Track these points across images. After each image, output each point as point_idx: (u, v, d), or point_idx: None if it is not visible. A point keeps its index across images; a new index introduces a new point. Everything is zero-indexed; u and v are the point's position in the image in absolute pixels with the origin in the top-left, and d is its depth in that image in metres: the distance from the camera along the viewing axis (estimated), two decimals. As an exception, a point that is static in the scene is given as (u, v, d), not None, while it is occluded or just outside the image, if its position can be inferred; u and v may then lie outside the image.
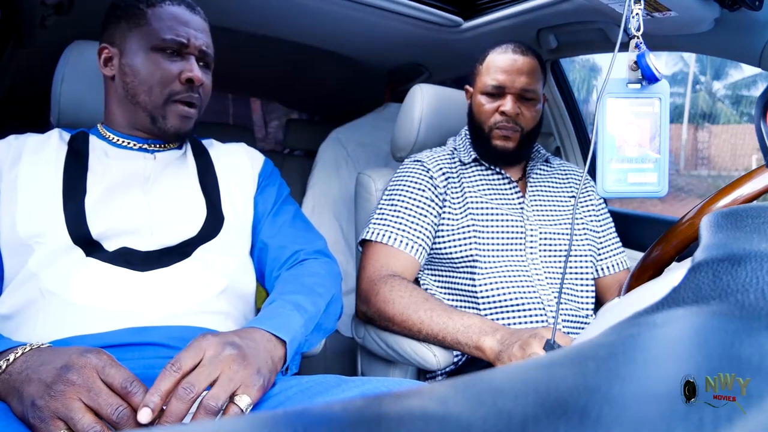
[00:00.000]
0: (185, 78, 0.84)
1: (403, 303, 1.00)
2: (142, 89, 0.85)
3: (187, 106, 0.87)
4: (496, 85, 1.12)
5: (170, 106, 0.85)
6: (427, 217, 1.11)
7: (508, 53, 1.13)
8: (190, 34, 0.86)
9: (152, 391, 0.56)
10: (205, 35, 0.90)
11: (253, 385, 0.61)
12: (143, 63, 0.84)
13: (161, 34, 0.84)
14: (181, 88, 0.85)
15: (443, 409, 0.15)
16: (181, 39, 0.85)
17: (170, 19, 0.85)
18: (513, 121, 1.12)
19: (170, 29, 0.85)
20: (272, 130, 5.56)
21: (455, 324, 0.95)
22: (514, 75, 1.11)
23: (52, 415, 0.53)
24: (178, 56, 0.86)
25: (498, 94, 1.13)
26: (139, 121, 0.87)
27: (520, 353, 0.84)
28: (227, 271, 0.83)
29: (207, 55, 0.90)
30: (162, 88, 0.85)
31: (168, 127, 0.86)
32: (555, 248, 1.13)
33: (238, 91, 3.20)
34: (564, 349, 0.20)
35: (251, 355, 0.63)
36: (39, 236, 0.74)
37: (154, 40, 0.84)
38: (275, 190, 0.99)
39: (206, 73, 0.91)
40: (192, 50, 0.87)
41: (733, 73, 18.98)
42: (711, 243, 0.29)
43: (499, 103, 1.12)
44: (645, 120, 0.64)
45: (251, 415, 0.16)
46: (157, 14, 0.85)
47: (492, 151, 1.14)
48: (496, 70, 1.12)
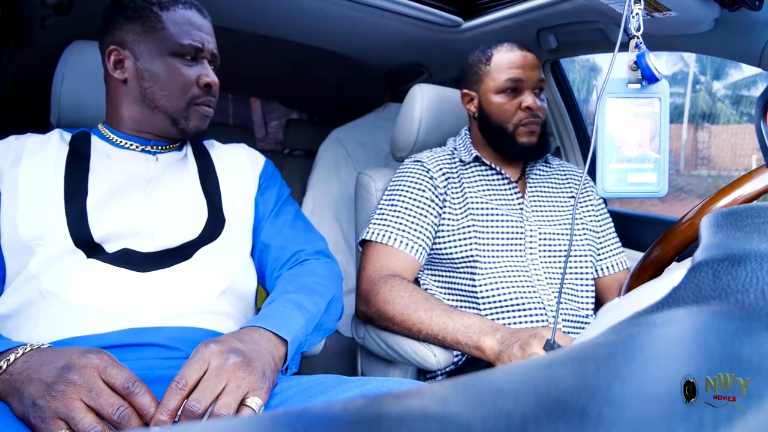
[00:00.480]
0: (203, 83, 0.87)
1: (403, 303, 1.00)
2: (163, 94, 0.86)
3: (207, 107, 0.89)
4: (514, 80, 1.12)
5: (192, 109, 0.87)
6: (427, 217, 1.11)
7: (515, 50, 1.13)
8: (204, 39, 0.88)
9: (160, 410, 0.56)
10: (213, 38, 0.92)
11: (261, 389, 0.61)
12: (163, 68, 0.85)
13: (179, 39, 0.85)
14: (201, 93, 0.87)
15: (443, 409, 0.15)
16: (197, 44, 0.87)
17: (186, 24, 0.87)
18: (537, 116, 1.12)
19: (187, 34, 0.86)
20: (272, 130, 5.57)
21: (455, 324, 0.95)
22: (529, 70, 1.12)
23: (53, 415, 0.53)
24: (194, 60, 0.88)
25: (515, 90, 1.13)
26: (156, 124, 0.88)
27: (520, 353, 0.84)
28: (228, 273, 0.83)
29: (216, 58, 0.92)
30: (183, 93, 0.86)
31: (190, 128, 0.88)
32: (555, 248, 1.13)
33: (238, 91, 3.19)
34: (564, 349, 0.20)
35: (255, 359, 0.63)
36: (40, 238, 0.74)
37: (172, 46, 0.85)
38: (276, 191, 0.99)
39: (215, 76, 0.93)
40: (206, 54, 0.88)
41: (733, 73, 18.99)
42: (711, 243, 0.29)
43: (518, 100, 1.12)
44: (645, 120, 0.64)
45: (251, 416, 0.16)
46: (172, 18, 0.86)
47: (519, 149, 1.14)
48: (510, 66, 1.12)
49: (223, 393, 0.59)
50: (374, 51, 1.81)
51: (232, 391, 0.59)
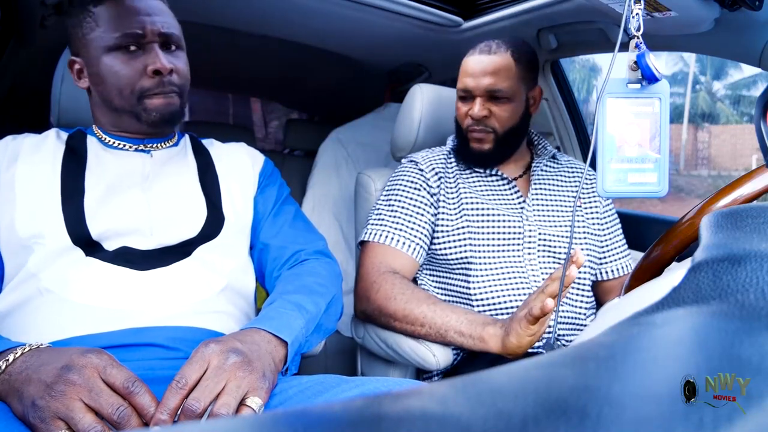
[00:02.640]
0: (151, 71, 0.80)
1: (404, 298, 1.00)
2: (113, 94, 0.82)
3: (161, 96, 0.83)
4: (462, 89, 1.12)
5: (144, 102, 0.82)
6: (424, 216, 1.11)
7: (475, 55, 1.12)
8: (144, 21, 0.80)
9: (161, 410, 0.56)
10: (163, 16, 0.84)
11: (261, 389, 0.61)
12: (104, 68, 0.81)
13: (113, 32, 0.79)
14: (151, 83, 0.81)
15: (443, 409, 0.15)
16: (135, 30, 0.80)
17: (117, 14, 0.80)
18: (482, 124, 1.11)
19: (120, 24, 0.79)
20: (272, 130, 5.57)
21: (459, 317, 0.96)
22: (479, 77, 1.10)
23: (53, 415, 0.53)
24: (140, 49, 0.81)
25: (468, 97, 1.13)
26: (125, 124, 0.86)
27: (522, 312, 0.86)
28: (226, 271, 0.83)
29: (171, 37, 0.84)
30: (131, 88, 0.81)
31: (152, 117, 0.83)
32: (553, 250, 1.12)
33: (238, 91, 3.20)
34: (564, 349, 0.20)
35: (255, 360, 0.63)
36: (38, 237, 0.74)
37: (107, 41, 0.80)
38: (275, 190, 0.98)
39: (177, 56, 0.85)
40: (151, 38, 0.81)
41: (733, 73, 18.99)
42: (711, 243, 0.29)
43: (470, 106, 1.12)
44: (645, 120, 0.64)
45: (251, 416, 0.16)
46: (104, 12, 0.81)
47: (470, 153, 1.15)
48: (464, 73, 1.13)
49: (222, 392, 0.59)
50: (374, 51, 1.81)
51: (231, 391, 0.59)
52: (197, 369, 0.60)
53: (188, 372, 0.59)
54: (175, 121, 0.87)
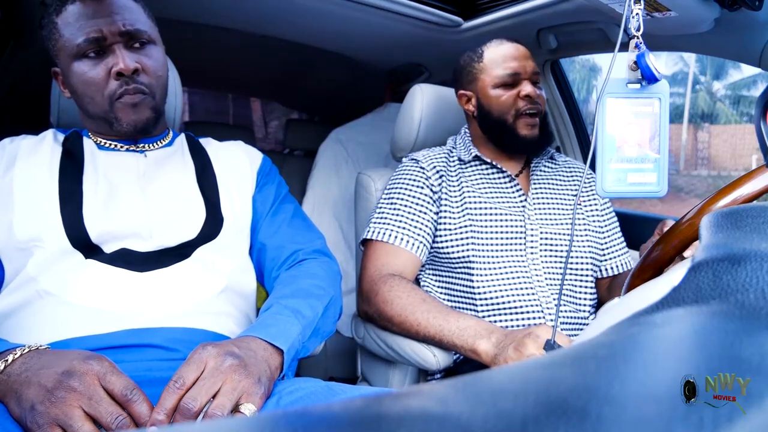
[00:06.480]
0: (114, 73, 0.79)
1: (401, 304, 1.00)
2: (87, 101, 0.82)
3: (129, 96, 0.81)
4: (511, 73, 1.12)
5: (116, 105, 0.81)
6: (427, 214, 1.11)
7: (505, 44, 1.15)
8: (101, 24, 0.78)
9: (157, 410, 0.57)
10: (125, 12, 0.81)
11: (255, 394, 0.61)
12: (75, 76, 0.81)
13: (74, 40, 0.79)
14: (117, 85, 0.79)
15: (443, 409, 0.15)
16: (94, 35, 0.78)
17: (76, 20, 0.79)
18: (535, 102, 1.13)
19: (80, 30, 0.78)
20: (272, 130, 5.57)
21: (451, 326, 0.95)
22: (523, 60, 1.13)
23: (51, 422, 0.53)
24: (103, 52, 0.80)
25: (513, 83, 1.13)
26: (105, 130, 0.86)
27: (516, 355, 0.84)
28: (226, 272, 0.83)
29: (137, 33, 0.81)
30: (100, 93, 0.80)
31: (124, 126, 0.82)
32: (555, 248, 1.13)
33: (238, 91, 3.20)
34: (564, 349, 0.20)
35: (251, 364, 0.63)
36: (37, 240, 0.74)
37: (71, 49, 0.79)
38: (274, 188, 0.98)
39: (146, 53, 0.83)
40: (112, 39, 0.79)
41: (733, 73, 19.00)
42: (711, 243, 0.29)
43: (516, 90, 1.13)
44: (645, 120, 0.64)
45: (251, 416, 0.16)
46: (64, 21, 0.80)
47: (521, 142, 1.14)
48: (505, 59, 1.13)
49: (218, 394, 0.59)
50: (374, 51, 1.81)
51: (227, 393, 0.59)
52: (194, 370, 0.60)
53: (185, 373, 0.60)
54: (149, 127, 0.85)
